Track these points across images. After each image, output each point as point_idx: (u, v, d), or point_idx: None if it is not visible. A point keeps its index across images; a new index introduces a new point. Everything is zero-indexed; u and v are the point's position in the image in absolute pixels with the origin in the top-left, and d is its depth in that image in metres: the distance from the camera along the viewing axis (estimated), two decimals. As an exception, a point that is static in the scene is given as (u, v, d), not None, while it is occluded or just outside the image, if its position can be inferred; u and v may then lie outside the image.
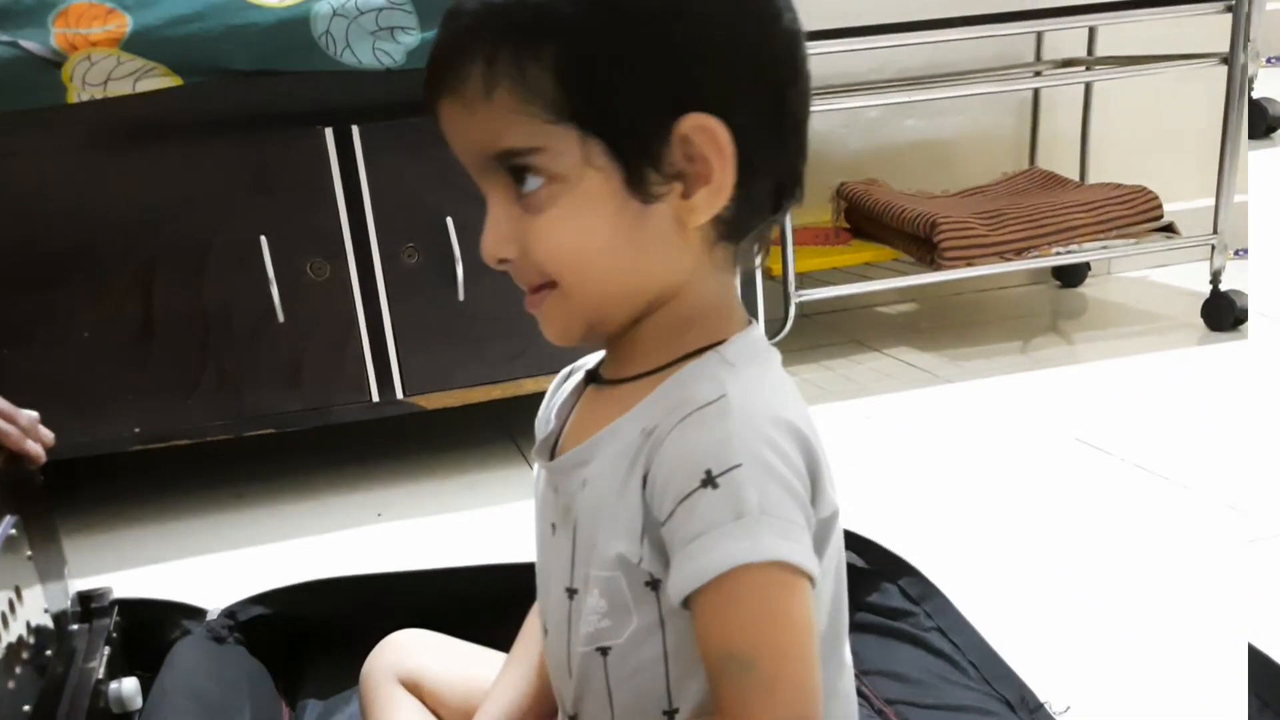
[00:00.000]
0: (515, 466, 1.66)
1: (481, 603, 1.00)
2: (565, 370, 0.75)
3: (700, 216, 0.57)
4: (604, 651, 0.61)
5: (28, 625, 0.82)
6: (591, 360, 0.71)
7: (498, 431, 1.79)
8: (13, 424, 0.88)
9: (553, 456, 0.67)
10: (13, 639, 0.77)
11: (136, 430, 1.51)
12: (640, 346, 0.62)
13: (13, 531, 0.81)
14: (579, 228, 0.57)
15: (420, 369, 1.58)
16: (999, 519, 1.36)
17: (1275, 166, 2.26)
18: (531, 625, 0.82)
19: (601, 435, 0.61)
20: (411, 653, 0.88)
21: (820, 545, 0.59)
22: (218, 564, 1.43)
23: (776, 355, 0.63)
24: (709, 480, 0.53)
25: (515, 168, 0.57)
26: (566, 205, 0.56)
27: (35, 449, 0.89)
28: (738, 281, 0.65)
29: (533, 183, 0.56)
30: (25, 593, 0.82)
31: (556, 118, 0.54)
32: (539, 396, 1.72)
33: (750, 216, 0.60)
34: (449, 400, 1.62)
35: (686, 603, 0.55)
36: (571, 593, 0.63)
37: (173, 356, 1.49)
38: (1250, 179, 2.05)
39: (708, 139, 0.55)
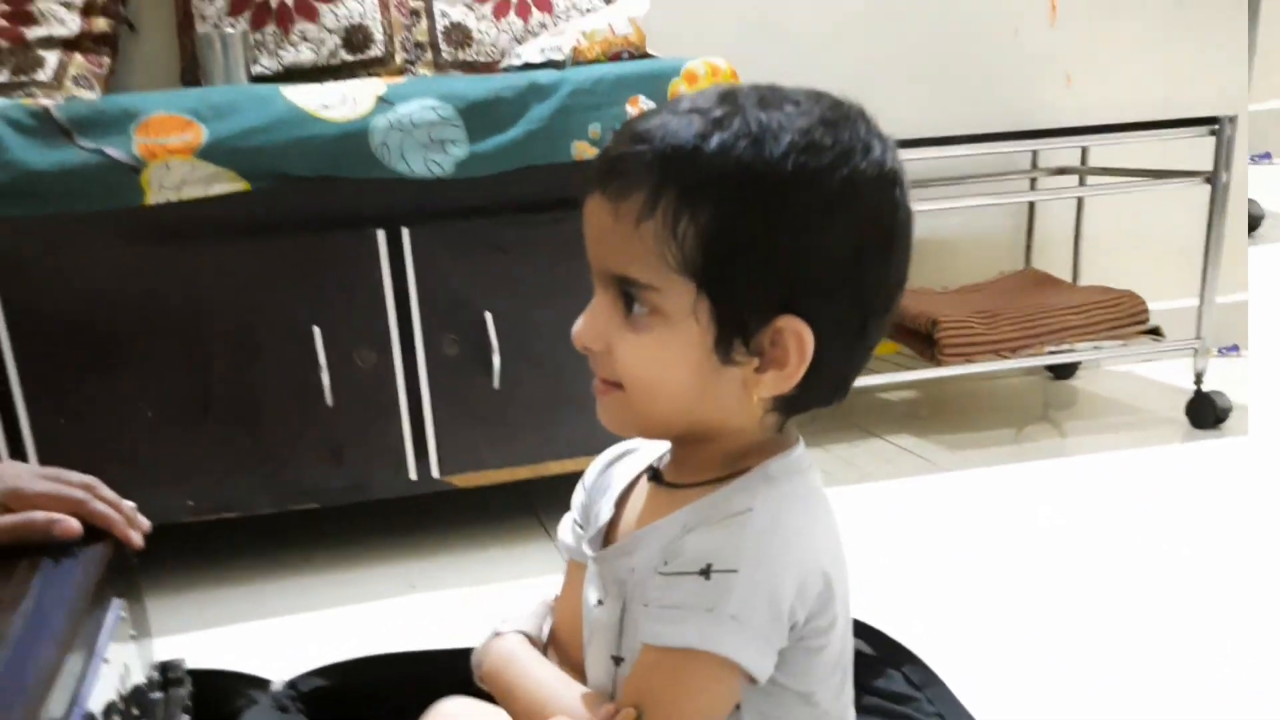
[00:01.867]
0: (538, 541, 1.76)
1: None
2: (616, 451, 0.84)
3: (764, 391, 0.67)
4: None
5: (131, 697, 0.92)
6: (648, 450, 0.81)
7: (523, 509, 1.89)
8: (118, 513, 0.98)
9: (606, 541, 0.78)
10: (123, 712, 0.87)
11: (190, 503, 1.62)
12: (699, 462, 0.73)
13: (122, 614, 0.92)
14: (663, 359, 0.66)
15: (456, 451, 1.69)
16: (993, 607, 1.46)
17: (1256, 263, 2.41)
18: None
19: (648, 530, 0.72)
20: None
21: (819, 637, 0.68)
22: (260, 630, 1.52)
23: (815, 473, 0.73)
24: (705, 571, 0.64)
25: (628, 294, 0.66)
26: (660, 337, 0.66)
27: (137, 537, 0.99)
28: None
29: (639, 309, 0.66)
30: (130, 668, 0.93)
31: (682, 270, 0.63)
32: (564, 477, 1.84)
33: (804, 402, 0.70)
34: (480, 479, 1.73)
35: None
36: (618, 660, 0.74)
37: (227, 435, 1.60)
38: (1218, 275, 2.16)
39: (795, 340, 0.64)
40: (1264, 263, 2.42)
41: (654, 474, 0.78)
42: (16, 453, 1.51)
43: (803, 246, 0.63)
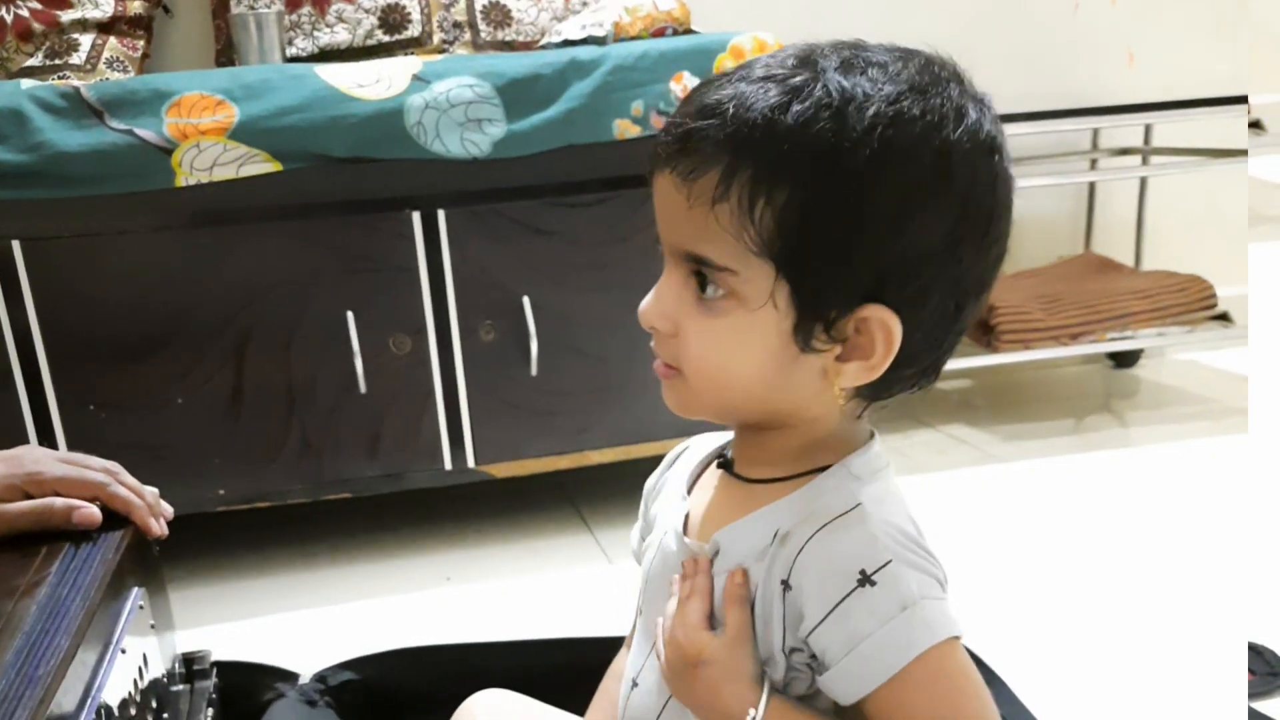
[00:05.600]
0: (576, 534, 1.72)
1: (557, 673, 1.05)
2: (674, 454, 0.79)
3: (846, 381, 0.62)
4: None
5: (150, 689, 0.88)
6: (716, 438, 0.76)
7: (561, 500, 1.84)
8: (140, 499, 0.95)
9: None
10: (140, 704, 0.84)
11: (221, 492, 1.59)
12: (772, 454, 0.67)
13: (141, 604, 0.88)
14: (737, 346, 0.61)
15: (492, 440, 1.65)
16: (1051, 603, 1.39)
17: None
18: (609, 688, 0.86)
19: (726, 533, 0.66)
20: (496, 716, 0.93)
21: None
22: (292, 622, 1.50)
23: (891, 469, 0.68)
24: (865, 579, 0.59)
25: (702, 273, 0.61)
26: (736, 323, 0.61)
27: (157, 525, 0.95)
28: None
29: (714, 291, 0.61)
30: (149, 660, 0.89)
31: (761, 251, 0.58)
32: (603, 468, 1.78)
33: (889, 390, 0.65)
34: (518, 470, 1.68)
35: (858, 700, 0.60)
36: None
37: (260, 424, 1.57)
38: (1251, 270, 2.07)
39: (882, 331, 0.59)
40: None
41: (723, 462, 0.72)
42: (46, 440, 1.49)
43: (890, 230, 0.57)
